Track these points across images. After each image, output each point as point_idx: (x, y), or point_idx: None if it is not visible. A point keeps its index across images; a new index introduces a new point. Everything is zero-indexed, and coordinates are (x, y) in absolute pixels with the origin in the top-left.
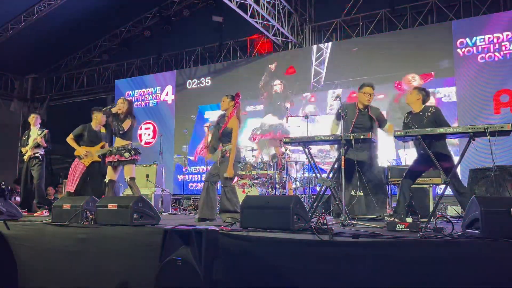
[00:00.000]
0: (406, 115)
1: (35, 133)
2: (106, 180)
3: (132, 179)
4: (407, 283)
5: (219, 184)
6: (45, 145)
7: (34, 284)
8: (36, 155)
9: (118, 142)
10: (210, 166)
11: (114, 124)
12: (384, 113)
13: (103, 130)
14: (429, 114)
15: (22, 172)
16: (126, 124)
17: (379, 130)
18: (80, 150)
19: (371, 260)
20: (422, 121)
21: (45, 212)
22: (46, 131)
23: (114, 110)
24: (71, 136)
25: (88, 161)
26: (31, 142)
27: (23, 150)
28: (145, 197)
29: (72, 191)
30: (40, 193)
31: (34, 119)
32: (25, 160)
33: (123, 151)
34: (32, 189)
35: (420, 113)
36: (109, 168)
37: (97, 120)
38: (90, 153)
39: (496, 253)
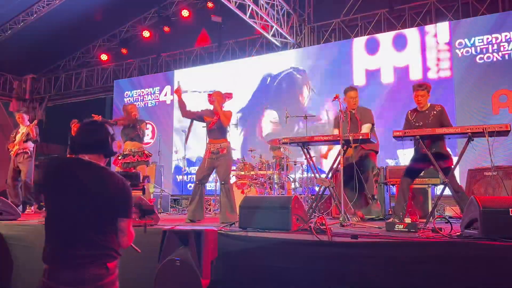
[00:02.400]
0: (410, 112)
1: (24, 130)
2: None
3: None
4: (406, 283)
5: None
6: (35, 135)
7: (32, 285)
8: (25, 150)
9: (131, 145)
10: (199, 166)
11: (138, 129)
12: None
13: None
14: (435, 112)
15: (10, 169)
16: (144, 127)
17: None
18: None
19: (370, 261)
20: (428, 119)
21: (32, 208)
22: (36, 121)
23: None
24: (68, 150)
25: None
26: (19, 137)
27: (10, 146)
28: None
29: None
30: (28, 190)
31: (21, 119)
32: (12, 155)
33: (140, 153)
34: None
35: (426, 111)
36: (120, 170)
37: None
38: None
39: (495, 253)
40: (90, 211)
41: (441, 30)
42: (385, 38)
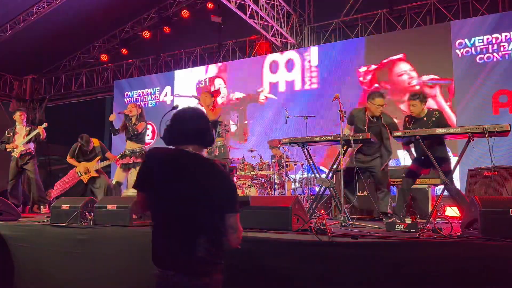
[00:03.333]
0: (407, 119)
1: (23, 130)
2: (114, 181)
3: None
4: (406, 283)
5: None
6: (44, 137)
7: (32, 286)
8: (28, 151)
9: (131, 145)
10: None
11: (128, 126)
12: None
13: (96, 144)
14: (434, 119)
15: (12, 170)
16: (140, 127)
17: None
18: (80, 167)
19: (370, 261)
20: (427, 126)
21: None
22: (46, 124)
23: (126, 112)
24: (69, 156)
25: (87, 178)
26: (20, 138)
27: (9, 147)
28: None
29: (53, 197)
30: (39, 188)
31: (21, 116)
32: (16, 156)
33: (137, 154)
34: (29, 187)
35: (425, 118)
36: (119, 170)
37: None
38: (88, 169)
39: (495, 254)
40: (205, 208)
41: (313, 55)
42: (281, 61)
